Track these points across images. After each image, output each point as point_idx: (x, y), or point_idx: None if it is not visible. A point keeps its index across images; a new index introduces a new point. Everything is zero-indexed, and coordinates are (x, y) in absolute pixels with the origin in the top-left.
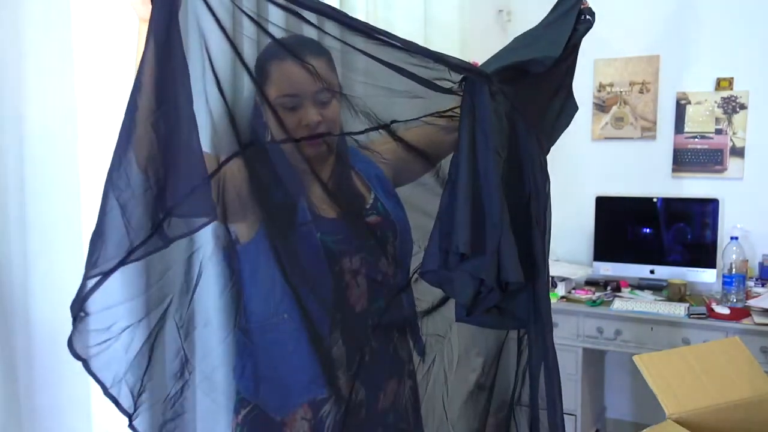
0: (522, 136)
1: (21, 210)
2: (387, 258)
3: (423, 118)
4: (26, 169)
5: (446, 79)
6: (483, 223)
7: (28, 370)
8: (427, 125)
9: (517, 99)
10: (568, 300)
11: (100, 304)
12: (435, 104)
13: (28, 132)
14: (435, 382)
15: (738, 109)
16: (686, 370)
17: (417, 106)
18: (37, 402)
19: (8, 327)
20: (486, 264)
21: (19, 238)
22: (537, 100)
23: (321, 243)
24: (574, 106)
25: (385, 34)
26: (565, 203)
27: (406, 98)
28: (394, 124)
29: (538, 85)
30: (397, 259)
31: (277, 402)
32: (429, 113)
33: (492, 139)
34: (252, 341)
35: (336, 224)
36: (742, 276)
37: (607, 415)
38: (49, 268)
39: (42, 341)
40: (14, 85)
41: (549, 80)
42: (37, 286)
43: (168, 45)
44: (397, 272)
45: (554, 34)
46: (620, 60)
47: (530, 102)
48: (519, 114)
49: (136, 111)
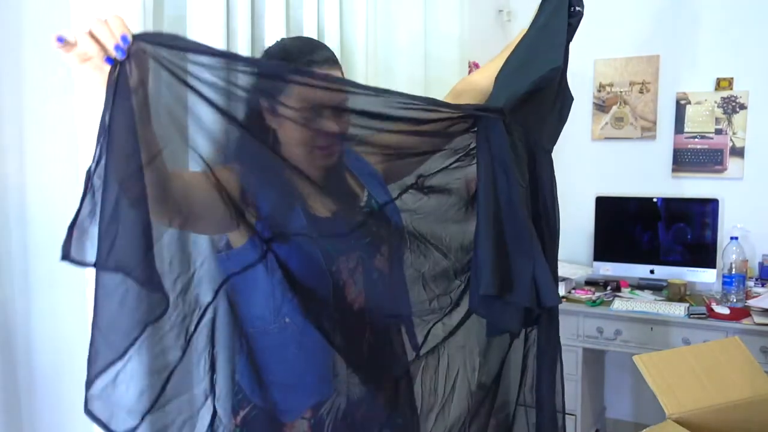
0: (540, 161)
1: (21, 209)
2: (382, 255)
3: (449, 166)
4: (27, 168)
5: (461, 120)
6: (510, 254)
7: (28, 371)
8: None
9: (528, 121)
10: (568, 300)
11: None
12: (454, 145)
13: (29, 131)
14: (459, 392)
15: (738, 109)
16: (686, 370)
17: (439, 157)
18: (37, 403)
19: (9, 327)
20: (525, 294)
21: (20, 238)
22: (542, 110)
23: (317, 244)
24: (570, 96)
25: (399, 95)
26: (565, 203)
27: (429, 156)
28: (420, 178)
29: (543, 96)
30: (393, 256)
31: (286, 406)
32: (452, 159)
33: (513, 172)
34: (255, 346)
35: (331, 223)
36: (742, 276)
37: (607, 415)
38: (49, 267)
39: (43, 341)
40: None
41: (551, 86)
42: (37, 286)
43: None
44: (392, 268)
45: (551, 37)
46: (620, 60)
47: (539, 116)
48: (534, 135)
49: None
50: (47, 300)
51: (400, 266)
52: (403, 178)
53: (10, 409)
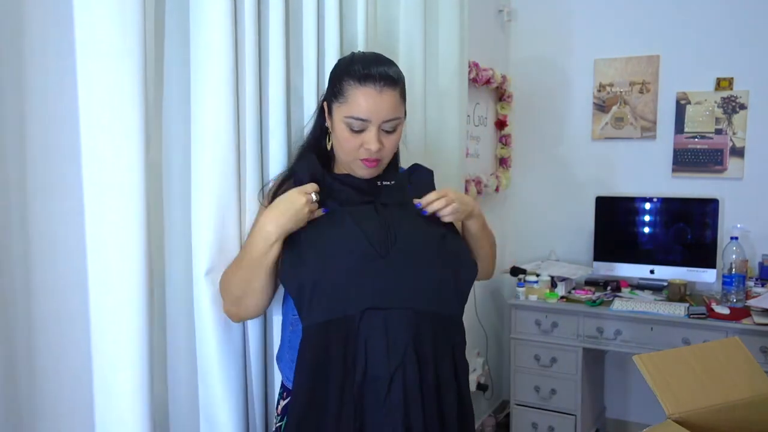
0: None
1: (23, 209)
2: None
3: None
4: (28, 167)
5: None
6: None
7: (29, 371)
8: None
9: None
10: (568, 300)
11: None
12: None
13: (29, 131)
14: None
15: (738, 109)
16: (686, 370)
17: None
18: (38, 403)
19: (9, 327)
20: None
21: (21, 238)
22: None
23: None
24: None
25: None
26: (565, 203)
27: None
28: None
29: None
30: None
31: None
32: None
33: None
34: (294, 332)
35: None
36: (742, 276)
37: (607, 415)
38: (51, 268)
39: (43, 342)
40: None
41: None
42: (38, 286)
43: None
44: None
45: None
46: (620, 60)
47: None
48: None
49: None
50: (48, 301)
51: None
52: None
53: (10, 411)
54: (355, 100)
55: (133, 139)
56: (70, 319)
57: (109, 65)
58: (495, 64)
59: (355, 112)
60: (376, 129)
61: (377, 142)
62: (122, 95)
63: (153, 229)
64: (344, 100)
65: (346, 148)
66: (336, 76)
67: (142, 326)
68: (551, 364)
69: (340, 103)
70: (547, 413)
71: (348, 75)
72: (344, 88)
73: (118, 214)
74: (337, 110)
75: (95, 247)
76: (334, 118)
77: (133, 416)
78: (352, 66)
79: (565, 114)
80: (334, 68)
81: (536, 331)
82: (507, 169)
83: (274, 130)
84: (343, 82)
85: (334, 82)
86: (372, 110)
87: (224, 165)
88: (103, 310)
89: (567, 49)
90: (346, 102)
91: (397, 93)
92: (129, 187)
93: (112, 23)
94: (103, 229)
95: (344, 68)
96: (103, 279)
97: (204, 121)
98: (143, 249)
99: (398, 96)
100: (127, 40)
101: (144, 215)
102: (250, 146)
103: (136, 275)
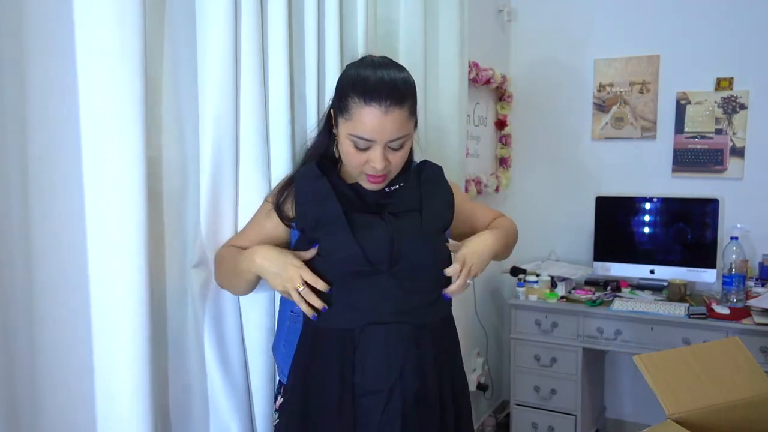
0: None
1: (24, 209)
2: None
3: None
4: (29, 167)
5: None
6: None
7: (30, 369)
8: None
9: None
10: (568, 300)
11: None
12: None
13: (30, 131)
14: None
15: (738, 109)
16: (686, 370)
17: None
18: (39, 403)
19: (10, 325)
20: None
21: (22, 236)
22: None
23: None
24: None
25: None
26: (565, 203)
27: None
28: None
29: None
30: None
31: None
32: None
33: None
34: (293, 329)
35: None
36: (742, 276)
37: (607, 415)
38: (51, 268)
39: (45, 340)
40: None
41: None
42: (40, 284)
43: None
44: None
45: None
46: (620, 60)
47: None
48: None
49: None
50: (49, 299)
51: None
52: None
53: (12, 410)
54: (360, 119)
55: (134, 139)
56: (72, 317)
57: (110, 65)
58: (495, 64)
59: (359, 131)
60: (382, 148)
61: (383, 161)
62: (122, 95)
63: (153, 228)
64: (349, 117)
65: (351, 163)
66: (342, 88)
67: (143, 323)
68: (551, 364)
69: (345, 119)
70: (547, 413)
71: (353, 90)
72: (349, 105)
73: (118, 213)
74: (343, 125)
75: (96, 246)
76: (339, 132)
77: (134, 413)
78: (358, 79)
79: (565, 114)
80: (342, 76)
81: (536, 331)
82: (507, 169)
83: (275, 131)
84: (348, 99)
85: (340, 94)
86: (377, 131)
87: (225, 165)
88: (104, 308)
89: (567, 49)
90: (351, 120)
91: (405, 110)
92: (129, 186)
93: (112, 23)
94: (104, 227)
95: (351, 81)
96: (104, 277)
97: (204, 120)
98: (144, 247)
99: (406, 113)
100: (127, 40)
101: (144, 214)
102: (251, 146)
103: (136, 273)
